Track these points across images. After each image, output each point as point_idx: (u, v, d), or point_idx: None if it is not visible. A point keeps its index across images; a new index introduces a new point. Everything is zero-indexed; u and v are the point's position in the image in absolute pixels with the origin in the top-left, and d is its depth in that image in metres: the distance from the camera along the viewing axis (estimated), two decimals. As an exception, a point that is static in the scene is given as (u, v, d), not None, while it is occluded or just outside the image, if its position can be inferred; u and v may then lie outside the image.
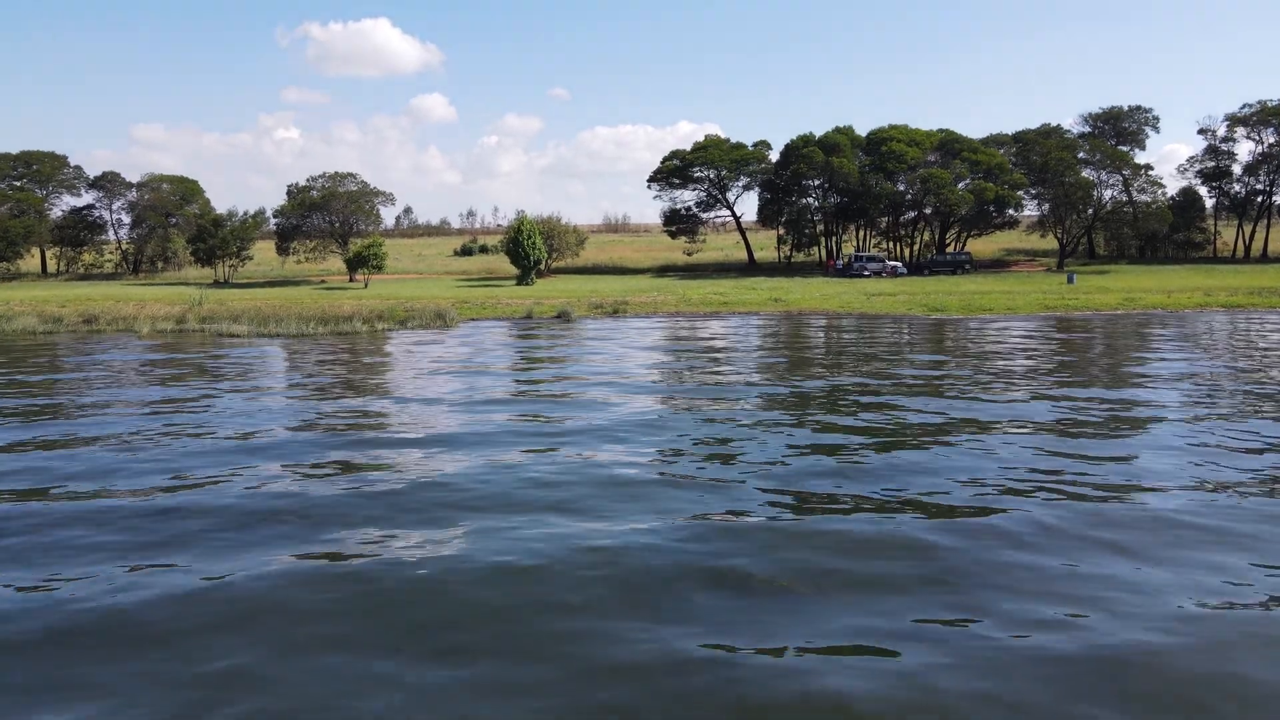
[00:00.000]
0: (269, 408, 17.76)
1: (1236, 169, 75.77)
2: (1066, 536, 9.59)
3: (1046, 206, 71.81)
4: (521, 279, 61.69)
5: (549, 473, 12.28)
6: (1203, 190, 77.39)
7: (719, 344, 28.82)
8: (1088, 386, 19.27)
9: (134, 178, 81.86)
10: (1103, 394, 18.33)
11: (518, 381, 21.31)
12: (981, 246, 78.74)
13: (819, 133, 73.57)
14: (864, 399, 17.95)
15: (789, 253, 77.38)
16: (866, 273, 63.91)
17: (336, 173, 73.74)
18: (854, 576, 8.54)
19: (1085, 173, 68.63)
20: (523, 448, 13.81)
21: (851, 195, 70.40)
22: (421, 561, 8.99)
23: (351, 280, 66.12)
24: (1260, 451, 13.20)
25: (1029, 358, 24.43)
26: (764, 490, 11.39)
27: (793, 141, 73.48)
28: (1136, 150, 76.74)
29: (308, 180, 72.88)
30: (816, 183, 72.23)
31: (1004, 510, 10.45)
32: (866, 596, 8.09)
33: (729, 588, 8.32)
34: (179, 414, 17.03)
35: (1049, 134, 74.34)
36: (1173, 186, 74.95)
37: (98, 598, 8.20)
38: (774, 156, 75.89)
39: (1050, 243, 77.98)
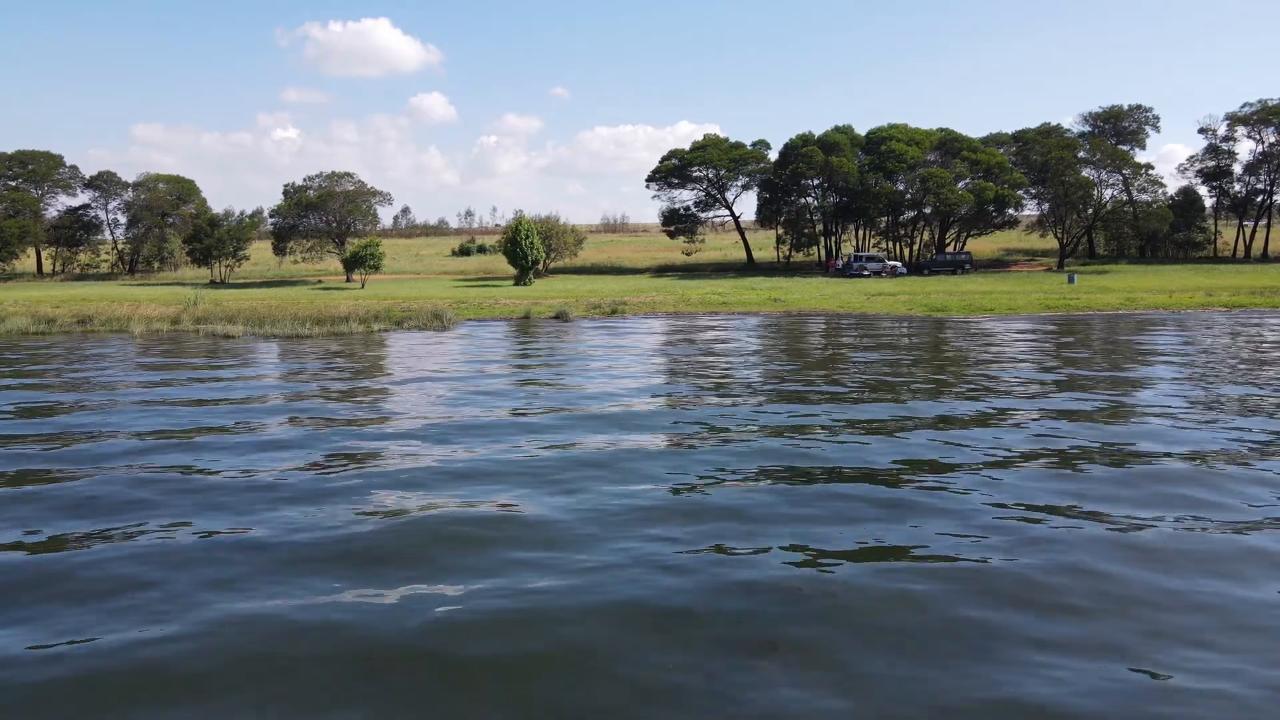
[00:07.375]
0: (261, 416, 17.48)
1: (1237, 168, 75.63)
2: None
3: (1046, 206, 71.59)
4: (519, 279, 61.41)
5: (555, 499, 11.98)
6: (1203, 190, 77.28)
7: (718, 344, 28.52)
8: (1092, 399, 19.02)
9: (131, 177, 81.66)
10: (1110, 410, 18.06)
11: (515, 385, 21.01)
12: (981, 246, 78.50)
13: (818, 132, 73.34)
14: (865, 396, 17.70)
15: (788, 253, 77.13)
16: (866, 272, 63.66)
17: (333, 172, 73.29)
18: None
19: (1085, 172, 68.38)
20: (520, 480, 13.49)
21: (851, 195, 70.18)
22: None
23: (349, 280, 65.85)
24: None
25: (1033, 357, 24.18)
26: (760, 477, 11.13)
27: (792, 141, 73.24)
28: (1137, 150, 76.45)
29: (304, 180, 72.48)
30: (816, 182, 71.99)
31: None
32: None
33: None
34: (162, 417, 16.76)
35: (1049, 133, 74.09)
36: (1173, 186, 74.90)
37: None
38: (773, 156, 75.61)
39: (1050, 242, 77.74)
